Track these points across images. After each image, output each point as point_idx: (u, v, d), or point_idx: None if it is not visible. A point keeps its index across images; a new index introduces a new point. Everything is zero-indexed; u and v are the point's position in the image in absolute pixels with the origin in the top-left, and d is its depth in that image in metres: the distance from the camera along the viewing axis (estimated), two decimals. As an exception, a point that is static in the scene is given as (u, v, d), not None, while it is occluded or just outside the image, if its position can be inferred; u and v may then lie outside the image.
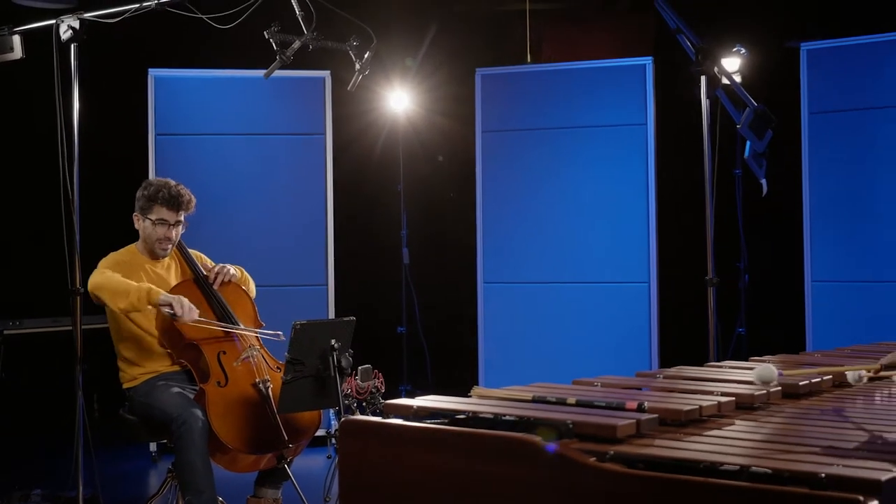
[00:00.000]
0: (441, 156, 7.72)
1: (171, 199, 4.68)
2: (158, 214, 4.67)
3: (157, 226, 4.67)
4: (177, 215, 4.69)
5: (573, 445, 2.08)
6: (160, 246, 4.69)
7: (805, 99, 6.99)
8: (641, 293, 7.16)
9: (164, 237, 4.68)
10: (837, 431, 2.27)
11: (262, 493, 4.59)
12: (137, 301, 4.37)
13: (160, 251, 4.71)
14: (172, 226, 4.69)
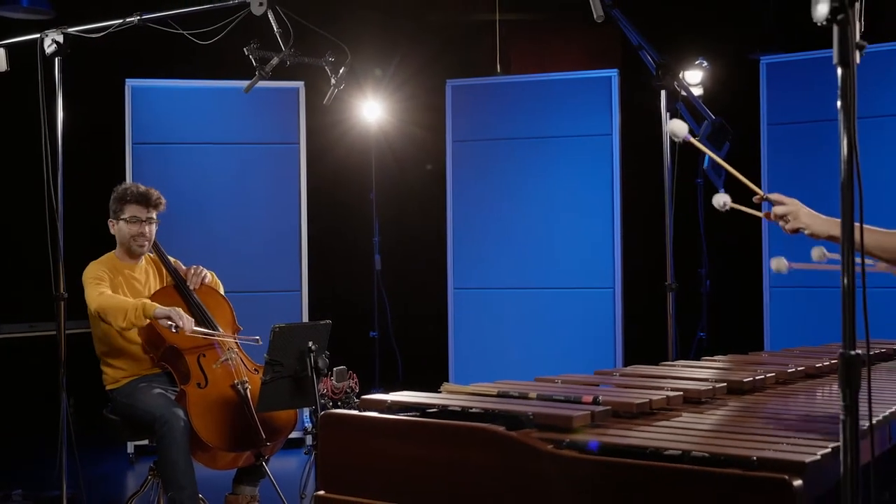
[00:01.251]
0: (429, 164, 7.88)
1: (139, 195, 4.88)
2: (130, 212, 4.86)
3: (131, 224, 4.85)
4: (147, 211, 4.88)
5: (533, 434, 2.28)
6: (136, 243, 4.87)
7: (764, 110, 7.22)
8: (606, 298, 7.37)
9: (139, 233, 4.86)
10: (773, 422, 2.50)
11: (241, 490, 4.77)
12: (135, 318, 4.55)
13: (137, 249, 4.89)
14: (145, 222, 4.87)
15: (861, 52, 1.87)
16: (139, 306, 4.55)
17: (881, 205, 6.71)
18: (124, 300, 4.64)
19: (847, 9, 1.84)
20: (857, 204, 1.80)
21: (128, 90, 7.41)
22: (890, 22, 6.86)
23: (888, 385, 3.15)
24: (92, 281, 4.72)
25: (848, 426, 1.87)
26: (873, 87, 6.66)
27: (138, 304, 4.57)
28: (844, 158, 1.82)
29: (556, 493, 2.15)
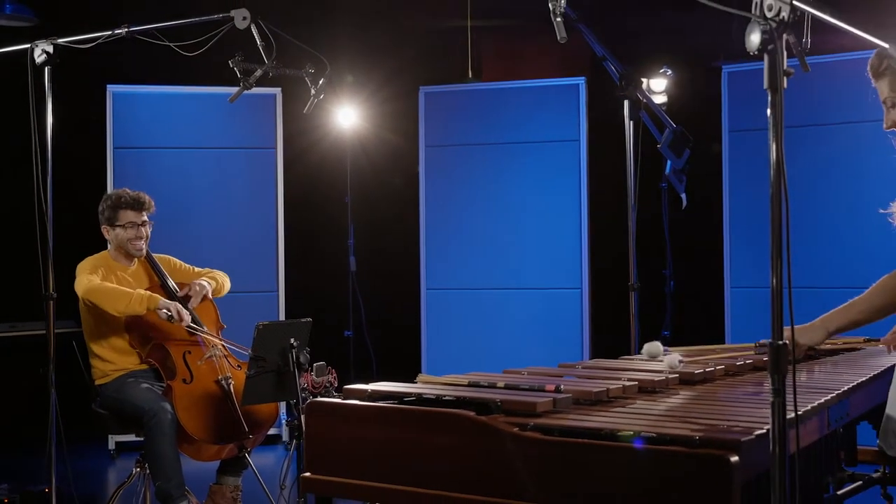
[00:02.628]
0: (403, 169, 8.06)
1: (133, 201, 5.10)
2: (125, 218, 5.08)
3: (128, 228, 5.08)
4: (141, 215, 5.11)
5: (501, 419, 2.52)
6: (134, 246, 5.10)
7: (726, 117, 7.49)
8: (574, 298, 7.64)
9: (136, 237, 5.09)
10: (718, 408, 2.75)
11: (224, 480, 5.00)
12: (139, 305, 4.80)
13: (136, 251, 5.12)
14: (140, 225, 5.10)
15: (788, 77, 2.12)
16: (145, 296, 4.80)
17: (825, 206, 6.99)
18: (127, 289, 4.88)
19: (776, 40, 2.09)
20: (784, 216, 2.05)
21: (109, 96, 7.61)
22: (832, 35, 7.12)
23: (830, 377, 3.40)
24: (85, 271, 4.94)
25: (777, 407, 2.13)
26: (817, 96, 6.92)
27: (144, 294, 4.81)
28: (773, 174, 2.07)
29: (521, 471, 2.39)
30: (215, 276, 5.39)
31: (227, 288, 5.43)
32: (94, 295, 4.84)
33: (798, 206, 6.91)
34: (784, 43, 2.10)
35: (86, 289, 4.87)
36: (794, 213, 6.77)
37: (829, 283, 6.69)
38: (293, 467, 5.07)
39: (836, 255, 6.86)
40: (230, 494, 4.97)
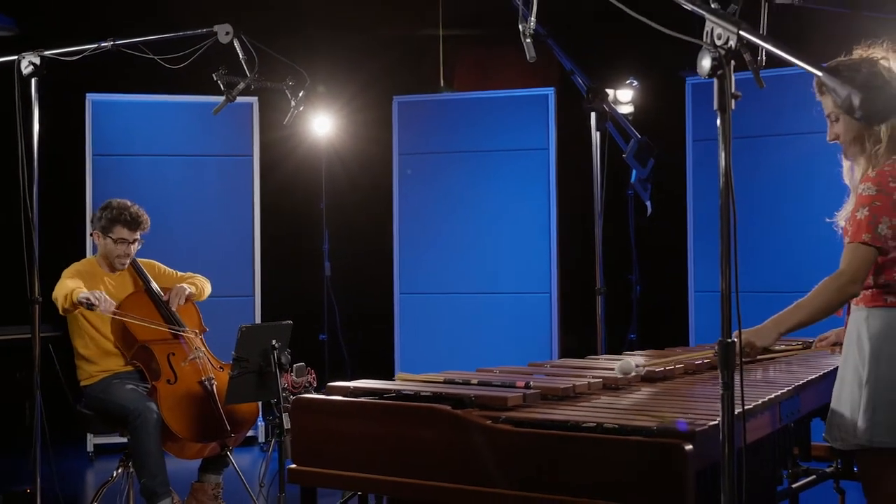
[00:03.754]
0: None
1: (131, 220, 5.26)
2: (119, 234, 5.25)
3: (118, 244, 5.24)
4: (134, 234, 5.28)
5: (474, 412, 2.72)
6: (119, 261, 5.27)
7: (689, 127, 7.73)
8: (543, 302, 7.85)
9: (124, 254, 5.26)
10: (676, 402, 2.97)
11: (206, 478, 5.18)
12: (65, 302, 4.96)
13: (119, 265, 5.29)
14: (131, 243, 5.27)
15: (737, 100, 2.33)
16: (69, 293, 4.95)
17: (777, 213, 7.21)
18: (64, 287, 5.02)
19: (724, 66, 2.31)
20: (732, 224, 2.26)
21: (88, 104, 7.76)
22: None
23: (783, 374, 3.63)
24: (64, 276, 5.10)
25: (726, 399, 2.34)
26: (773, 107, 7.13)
27: (68, 292, 4.96)
28: (721, 187, 2.28)
29: (494, 460, 2.60)
30: (196, 280, 5.56)
31: (208, 292, 5.61)
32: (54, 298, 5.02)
33: (751, 214, 7.13)
34: (732, 68, 2.31)
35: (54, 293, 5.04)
36: (748, 219, 7.07)
37: (781, 287, 6.90)
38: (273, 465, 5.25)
39: (787, 260, 7.08)
40: (212, 492, 5.15)
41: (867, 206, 3.17)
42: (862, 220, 3.16)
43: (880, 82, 2.13)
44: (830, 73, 2.17)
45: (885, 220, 3.14)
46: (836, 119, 3.33)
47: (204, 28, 4.77)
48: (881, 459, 3.22)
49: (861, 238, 3.15)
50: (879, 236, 3.14)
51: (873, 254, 3.16)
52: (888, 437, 3.15)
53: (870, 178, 3.22)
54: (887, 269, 3.21)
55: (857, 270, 3.15)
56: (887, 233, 3.15)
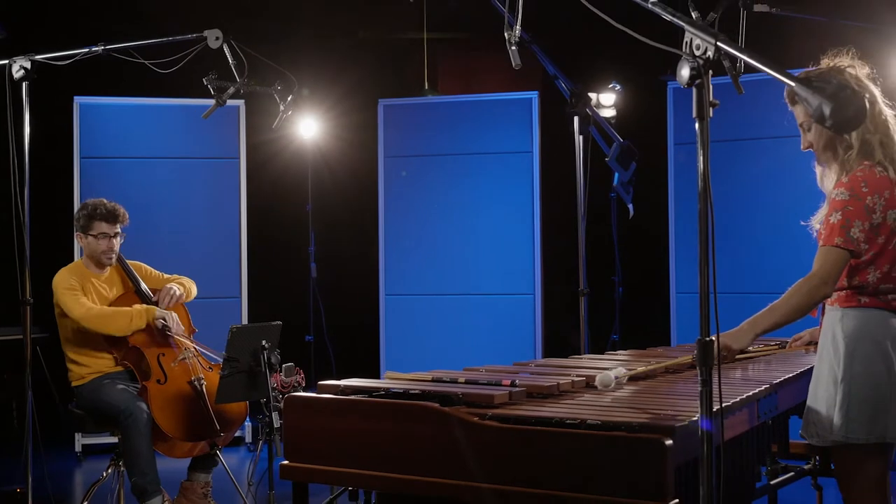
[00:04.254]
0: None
1: (108, 214, 5.33)
2: (99, 229, 5.31)
3: (100, 239, 5.31)
4: (115, 227, 5.34)
5: (462, 410, 2.81)
6: (105, 256, 5.34)
7: (671, 131, 7.83)
8: (527, 304, 7.94)
9: (108, 248, 5.32)
10: (658, 399, 3.06)
11: (195, 477, 5.26)
12: (139, 320, 5.13)
13: (106, 261, 5.36)
14: (112, 237, 5.33)
15: (714, 108, 2.43)
16: (142, 311, 5.11)
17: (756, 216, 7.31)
18: (123, 309, 5.17)
19: (703, 75, 2.40)
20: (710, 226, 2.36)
21: (76, 107, 7.82)
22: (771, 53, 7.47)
23: (761, 373, 3.72)
24: (67, 291, 5.16)
25: (704, 395, 2.43)
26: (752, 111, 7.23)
27: (141, 310, 5.12)
28: (700, 191, 2.38)
29: (481, 456, 2.68)
30: (183, 281, 5.64)
31: (194, 293, 5.68)
32: (92, 323, 5.11)
33: (729, 216, 7.23)
34: (710, 78, 2.41)
35: (83, 318, 5.11)
36: (727, 222, 7.18)
37: (759, 288, 7.01)
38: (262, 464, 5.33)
39: (765, 261, 7.19)
40: (201, 490, 5.22)
41: (840, 210, 3.27)
42: (835, 223, 3.26)
43: (849, 92, 2.22)
44: (802, 83, 2.26)
45: (857, 224, 3.25)
46: (809, 128, 3.43)
47: (192, 33, 4.85)
48: (856, 455, 3.32)
49: (833, 241, 3.25)
50: (852, 239, 3.24)
51: (845, 256, 3.26)
52: (863, 433, 3.25)
53: (843, 184, 3.32)
54: (861, 270, 3.31)
55: (828, 273, 3.26)
56: (859, 236, 3.25)
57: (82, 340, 5.25)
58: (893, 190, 3.31)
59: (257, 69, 5.21)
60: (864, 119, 2.31)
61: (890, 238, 3.30)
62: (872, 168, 3.32)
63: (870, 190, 3.27)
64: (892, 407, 3.25)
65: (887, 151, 3.32)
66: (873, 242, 3.28)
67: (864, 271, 3.30)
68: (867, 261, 3.30)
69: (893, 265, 3.31)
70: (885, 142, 3.32)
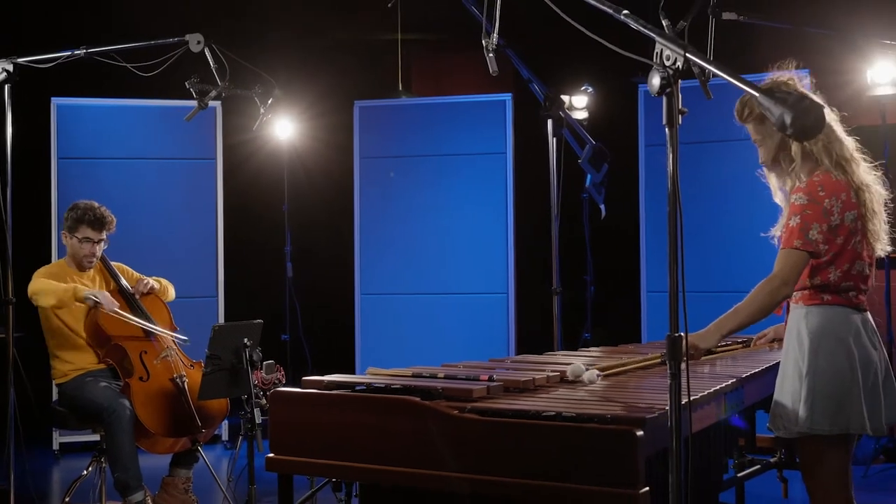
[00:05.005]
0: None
1: (95, 220, 5.41)
2: (84, 234, 5.40)
3: (84, 243, 5.39)
4: (100, 234, 5.43)
5: (442, 403, 2.92)
6: (86, 260, 5.42)
7: (642, 133, 7.97)
8: (501, 303, 8.07)
9: (90, 253, 5.41)
10: (629, 393, 3.19)
11: (177, 472, 5.35)
12: (65, 296, 5.13)
13: (87, 264, 5.44)
14: (96, 243, 5.42)
15: (683, 115, 2.55)
16: (71, 288, 5.13)
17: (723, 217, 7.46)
18: (58, 284, 5.21)
19: (672, 84, 2.53)
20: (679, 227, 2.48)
21: (53, 108, 7.88)
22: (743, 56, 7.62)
23: (728, 369, 3.87)
24: (38, 277, 5.26)
25: (673, 389, 2.56)
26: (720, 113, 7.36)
27: (70, 287, 5.15)
28: (669, 193, 2.50)
29: (461, 448, 2.80)
30: (160, 280, 5.73)
31: (172, 294, 5.76)
32: (34, 293, 5.19)
33: (698, 217, 7.37)
34: (679, 87, 2.53)
35: (30, 289, 5.21)
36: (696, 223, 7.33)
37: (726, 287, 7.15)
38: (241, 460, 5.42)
39: (733, 261, 7.34)
40: (182, 485, 5.31)
41: (799, 214, 3.43)
42: (794, 227, 3.42)
43: (808, 102, 2.35)
44: (766, 94, 2.39)
45: (815, 227, 3.40)
46: (761, 144, 3.61)
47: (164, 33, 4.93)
48: (820, 446, 3.47)
49: (792, 244, 3.40)
50: (810, 241, 3.39)
51: (804, 258, 3.41)
52: (826, 425, 3.40)
53: (800, 189, 3.48)
54: (822, 270, 3.46)
55: (788, 274, 3.41)
56: (818, 237, 3.40)
57: (65, 339, 5.33)
58: (850, 192, 3.46)
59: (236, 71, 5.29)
60: (822, 127, 2.45)
61: (848, 238, 3.45)
62: (828, 173, 3.48)
63: (826, 193, 3.43)
64: (854, 400, 3.40)
65: (834, 157, 3.48)
66: (832, 243, 3.43)
67: (826, 270, 3.45)
68: (827, 261, 3.44)
69: (853, 264, 3.46)
70: (830, 147, 3.48)
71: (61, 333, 5.33)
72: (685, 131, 7.73)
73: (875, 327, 3.55)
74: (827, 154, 3.47)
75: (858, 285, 3.49)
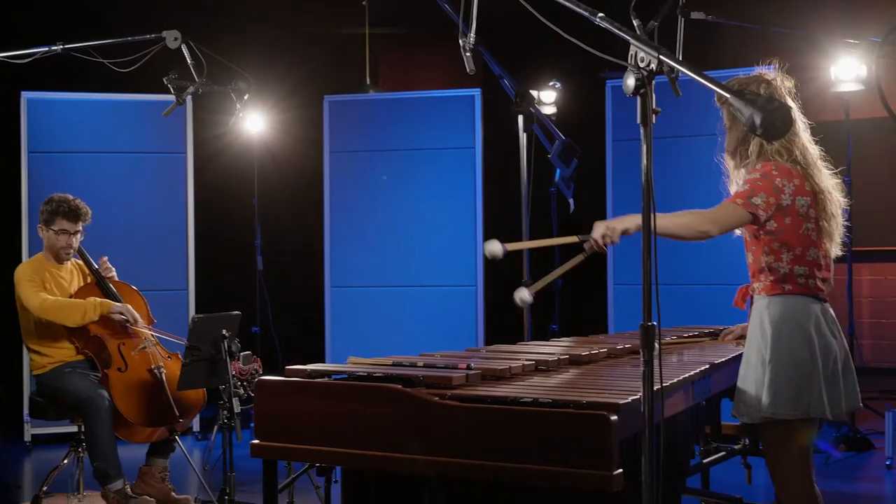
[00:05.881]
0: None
1: (70, 212, 5.47)
2: (60, 226, 5.46)
3: (60, 235, 5.46)
4: (76, 226, 5.49)
5: (423, 391, 3.03)
6: (64, 252, 5.49)
7: (609, 128, 8.11)
8: (469, 295, 8.19)
9: (67, 245, 5.47)
10: (601, 381, 3.32)
11: (154, 462, 5.43)
12: (93, 313, 5.24)
13: (64, 256, 5.51)
14: (73, 235, 5.48)
15: (657, 115, 2.67)
16: (97, 304, 5.21)
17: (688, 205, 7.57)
18: (78, 301, 5.30)
19: (646, 85, 2.64)
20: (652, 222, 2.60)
21: (23, 102, 7.91)
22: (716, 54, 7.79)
23: (696, 358, 3.99)
24: (28, 284, 5.31)
25: (646, 376, 2.68)
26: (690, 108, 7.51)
27: (96, 303, 5.24)
28: (643, 188, 2.62)
29: (442, 433, 2.90)
30: None
31: None
32: (49, 314, 5.26)
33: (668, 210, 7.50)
34: (653, 88, 2.65)
35: (39, 309, 5.26)
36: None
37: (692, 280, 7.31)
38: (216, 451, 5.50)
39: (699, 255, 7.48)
40: (159, 474, 5.39)
41: (749, 183, 3.60)
42: (741, 191, 3.59)
43: (777, 104, 2.47)
44: (736, 95, 2.51)
45: (761, 195, 3.57)
46: (728, 130, 3.76)
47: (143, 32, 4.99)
48: (782, 430, 3.61)
49: (735, 200, 3.57)
50: (751, 204, 3.56)
51: (742, 214, 3.56)
52: (789, 410, 3.54)
53: (756, 169, 3.65)
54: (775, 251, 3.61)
55: (720, 218, 3.58)
56: (760, 203, 3.56)
57: (44, 331, 5.39)
58: (803, 182, 3.62)
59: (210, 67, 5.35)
60: (790, 128, 2.58)
61: (799, 222, 3.60)
62: (783, 163, 3.63)
63: (780, 174, 3.60)
64: (815, 385, 3.54)
65: (791, 154, 3.63)
66: (781, 221, 3.59)
67: (778, 251, 3.60)
68: (780, 243, 3.59)
69: (806, 250, 3.61)
70: (790, 148, 3.63)
71: (40, 327, 5.39)
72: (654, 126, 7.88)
73: (835, 317, 3.70)
74: (786, 152, 3.62)
75: (814, 272, 3.63)
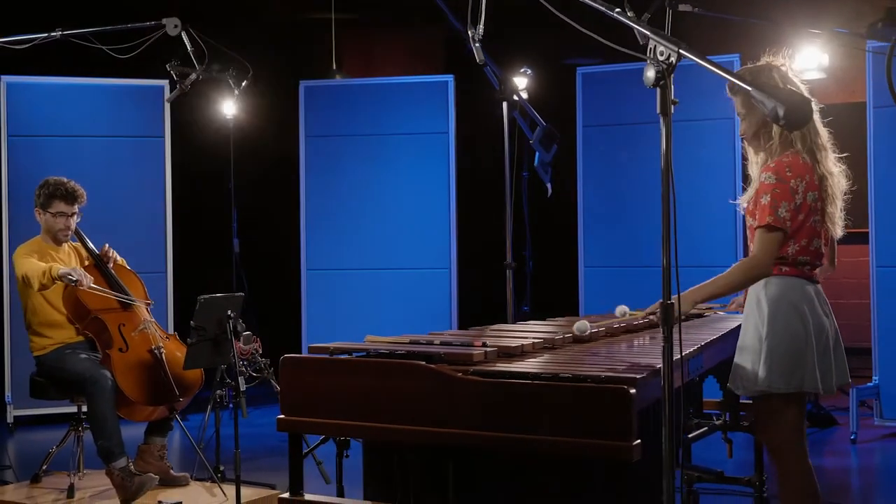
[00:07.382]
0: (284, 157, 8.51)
1: (67, 194, 5.57)
2: (57, 208, 5.55)
3: (58, 217, 5.55)
4: (72, 207, 5.59)
5: (446, 367, 3.19)
6: (62, 234, 5.58)
7: (580, 114, 8.32)
8: (443, 277, 8.39)
9: (65, 226, 5.57)
10: (611, 357, 3.51)
11: (152, 440, 5.55)
12: (44, 278, 5.26)
13: (62, 237, 5.61)
14: (70, 216, 5.58)
15: (675, 106, 2.85)
16: (46, 269, 5.27)
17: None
18: (37, 265, 5.35)
19: (666, 77, 2.82)
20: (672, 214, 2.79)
21: (3, 86, 7.96)
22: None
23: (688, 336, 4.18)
24: (24, 256, 5.41)
25: (666, 351, 2.87)
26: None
27: (45, 268, 5.29)
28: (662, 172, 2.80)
29: (466, 407, 3.07)
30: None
31: None
32: (26, 276, 5.34)
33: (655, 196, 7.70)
34: (672, 80, 2.83)
35: (23, 271, 5.35)
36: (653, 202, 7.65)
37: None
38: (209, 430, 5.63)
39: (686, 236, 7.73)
40: (157, 452, 5.51)
41: (769, 193, 3.77)
42: (765, 205, 3.76)
43: (799, 96, 2.66)
44: (759, 87, 2.70)
45: (784, 205, 3.74)
46: (743, 118, 3.93)
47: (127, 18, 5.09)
48: (777, 403, 3.83)
49: (766, 221, 3.74)
50: (780, 218, 3.74)
51: (779, 237, 3.76)
52: (783, 384, 3.76)
53: (769, 168, 3.82)
54: (784, 247, 3.81)
55: (766, 253, 3.75)
56: (786, 215, 3.74)
57: (46, 315, 5.49)
58: (813, 175, 3.82)
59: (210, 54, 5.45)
60: (810, 119, 2.76)
61: (808, 216, 3.81)
62: (797, 155, 3.82)
63: (793, 174, 3.77)
64: (808, 361, 3.76)
65: (807, 142, 3.83)
66: (794, 220, 3.78)
67: (785, 244, 3.80)
68: (788, 235, 3.80)
69: (811, 241, 3.82)
70: (806, 133, 3.82)
71: (43, 310, 5.49)
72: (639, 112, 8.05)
73: (826, 298, 3.92)
74: (802, 139, 3.81)
75: (814, 261, 3.86)
